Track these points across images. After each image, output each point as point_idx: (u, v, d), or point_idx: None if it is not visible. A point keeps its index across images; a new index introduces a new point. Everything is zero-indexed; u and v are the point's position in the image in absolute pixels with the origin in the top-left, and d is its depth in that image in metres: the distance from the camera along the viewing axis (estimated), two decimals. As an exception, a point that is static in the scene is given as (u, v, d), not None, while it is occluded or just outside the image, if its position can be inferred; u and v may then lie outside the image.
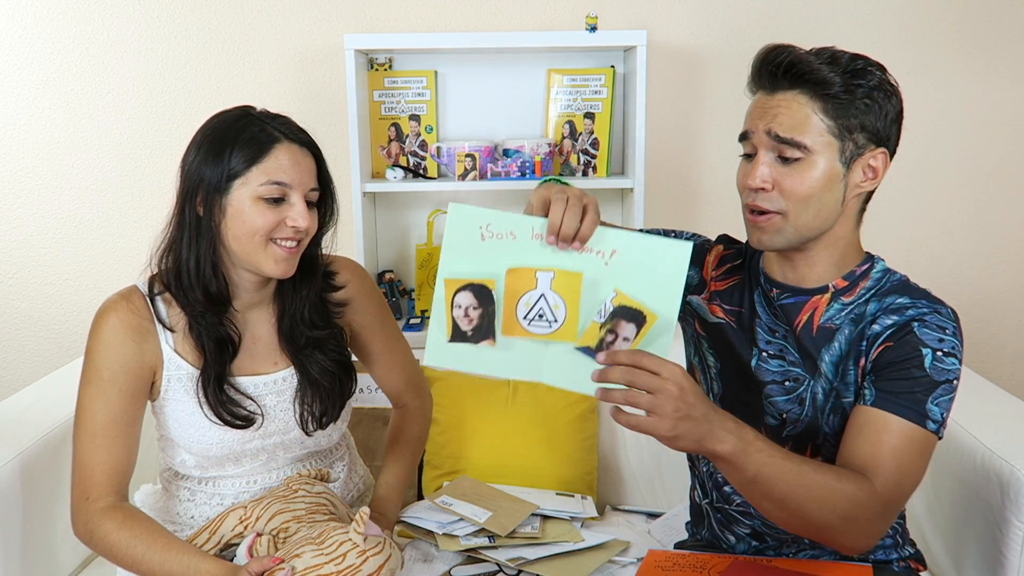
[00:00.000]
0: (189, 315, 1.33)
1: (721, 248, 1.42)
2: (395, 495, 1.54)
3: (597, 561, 1.54)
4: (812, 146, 1.17)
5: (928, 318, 1.20)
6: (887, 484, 1.15)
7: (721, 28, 2.32)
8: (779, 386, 1.30)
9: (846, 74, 1.16)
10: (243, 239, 1.28)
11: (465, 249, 1.14)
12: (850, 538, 1.16)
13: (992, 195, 2.41)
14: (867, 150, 1.20)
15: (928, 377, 1.17)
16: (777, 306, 1.30)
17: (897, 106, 1.20)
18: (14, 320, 2.44)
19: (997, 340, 2.49)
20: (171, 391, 1.35)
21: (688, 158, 2.39)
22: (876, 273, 1.28)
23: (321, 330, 1.41)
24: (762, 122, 1.20)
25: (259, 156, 1.26)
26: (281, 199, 1.28)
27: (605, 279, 1.12)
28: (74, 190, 2.37)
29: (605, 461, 2.05)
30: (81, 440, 1.30)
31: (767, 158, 1.20)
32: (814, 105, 1.17)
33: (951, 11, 2.32)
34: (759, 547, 1.39)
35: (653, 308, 1.10)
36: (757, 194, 1.21)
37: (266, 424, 1.38)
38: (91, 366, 1.31)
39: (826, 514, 1.12)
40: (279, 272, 1.30)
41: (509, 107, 2.33)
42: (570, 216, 1.09)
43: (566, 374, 1.13)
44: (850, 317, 1.25)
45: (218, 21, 2.30)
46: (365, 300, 1.51)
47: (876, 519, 1.15)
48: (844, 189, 1.20)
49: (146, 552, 1.25)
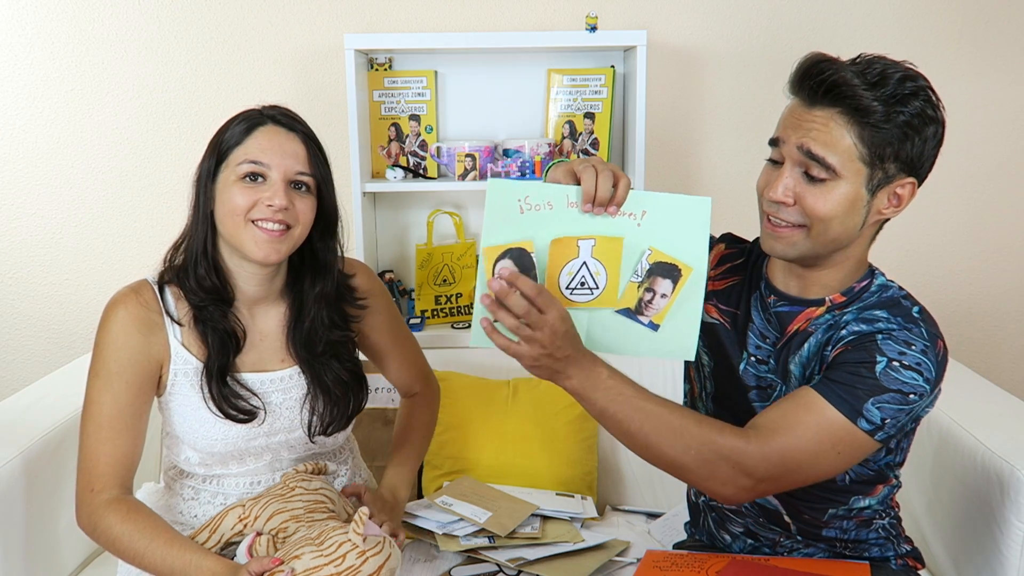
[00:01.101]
0: (194, 307, 1.34)
1: (723, 247, 1.41)
2: (407, 477, 1.55)
3: (597, 561, 1.54)
4: (840, 170, 1.15)
5: (896, 333, 1.18)
6: (771, 449, 1.13)
7: (721, 28, 2.32)
8: (759, 391, 1.31)
9: (891, 100, 1.12)
10: (226, 220, 1.30)
11: (505, 223, 1.16)
12: (711, 482, 1.15)
13: (991, 195, 2.41)
14: (896, 179, 1.17)
15: (876, 380, 1.14)
16: (772, 312, 1.29)
17: (938, 133, 1.17)
18: (14, 320, 2.44)
19: (996, 340, 2.49)
20: (177, 385, 1.35)
21: (688, 158, 2.39)
22: (873, 288, 1.26)
23: (341, 330, 1.42)
24: (796, 134, 1.17)
25: (243, 138, 1.31)
26: (259, 178, 1.30)
27: (640, 240, 1.16)
28: (74, 190, 2.37)
29: (605, 461, 2.05)
30: (88, 432, 1.31)
31: (793, 172, 1.18)
32: (851, 129, 1.14)
33: (951, 11, 2.32)
34: (755, 545, 1.39)
35: (687, 261, 1.17)
36: (778, 206, 1.20)
37: (271, 421, 1.39)
38: (99, 359, 1.32)
39: (679, 451, 1.14)
40: (261, 255, 1.30)
41: (509, 107, 2.33)
42: (603, 181, 1.13)
43: (607, 338, 1.19)
44: (828, 324, 1.24)
45: (218, 21, 2.30)
46: (377, 300, 1.52)
47: (739, 471, 1.13)
48: (866, 214, 1.19)
49: (148, 546, 1.26)
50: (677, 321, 1.18)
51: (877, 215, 1.20)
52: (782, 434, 1.14)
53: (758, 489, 1.16)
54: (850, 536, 1.34)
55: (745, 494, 1.16)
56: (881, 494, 1.32)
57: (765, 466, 1.14)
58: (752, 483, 1.15)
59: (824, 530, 1.33)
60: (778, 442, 1.14)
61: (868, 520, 1.33)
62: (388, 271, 2.37)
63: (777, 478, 1.16)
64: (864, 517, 1.33)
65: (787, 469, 1.15)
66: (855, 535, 1.34)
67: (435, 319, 2.33)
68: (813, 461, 1.15)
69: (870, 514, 1.33)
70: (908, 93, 1.13)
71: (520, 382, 2.04)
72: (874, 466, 1.28)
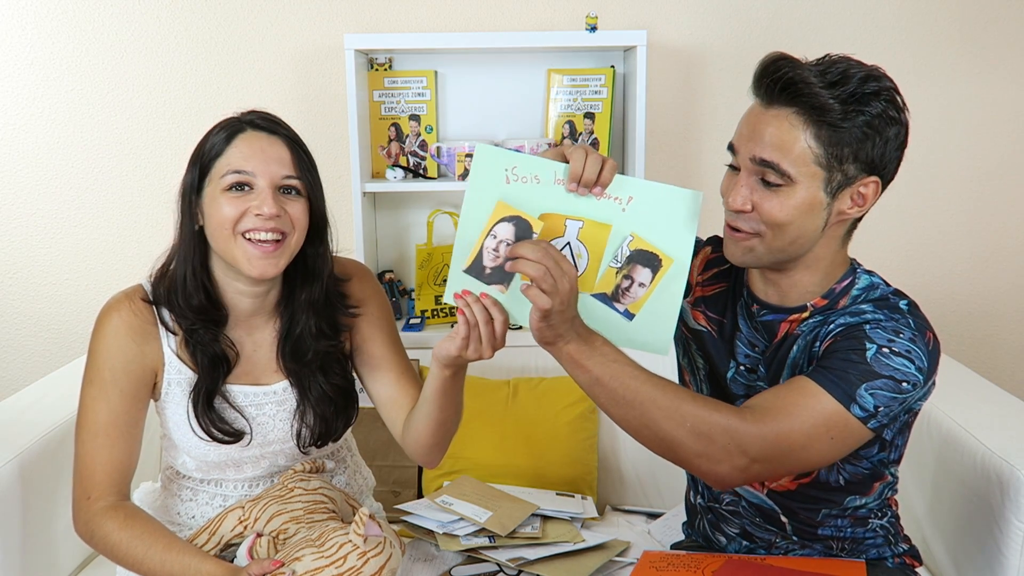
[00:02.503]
0: (184, 330, 1.31)
1: (709, 251, 1.39)
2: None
3: (597, 561, 1.54)
4: (795, 175, 1.13)
5: (884, 323, 1.17)
6: (769, 429, 1.12)
7: (721, 28, 2.32)
8: (746, 400, 1.30)
9: (850, 99, 1.11)
10: (216, 235, 1.26)
11: (489, 190, 1.15)
12: (704, 460, 1.13)
13: (992, 195, 2.41)
14: (858, 179, 1.16)
15: (867, 365, 1.13)
16: (759, 322, 1.29)
17: (900, 135, 1.15)
18: (14, 320, 2.44)
19: (996, 340, 2.49)
20: (171, 394, 1.34)
21: (688, 158, 2.39)
22: (856, 290, 1.24)
23: (329, 339, 1.37)
24: (748, 144, 1.17)
25: (224, 148, 1.26)
26: (245, 188, 1.25)
27: (622, 225, 1.16)
28: (74, 190, 2.37)
29: (605, 461, 2.05)
30: (83, 439, 1.30)
31: (748, 180, 1.18)
32: (807, 129, 1.12)
33: (951, 11, 2.32)
34: (750, 547, 1.39)
35: (668, 252, 1.15)
36: (736, 215, 1.19)
37: (265, 434, 1.37)
38: (93, 366, 1.30)
39: (674, 424, 1.12)
40: (256, 271, 1.25)
41: (509, 107, 2.33)
42: (592, 163, 1.14)
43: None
44: (814, 324, 1.24)
45: (218, 21, 2.30)
46: (372, 308, 1.44)
47: (733, 450, 1.12)
48: (827, 216, 1.17)
49: (147, 552, 1.25)
50: (653, 313, 1.17)
51: (840, 216, 1.19)
52: (778, 415, 1.13)
53: (752, 470, 1.14)
54: (846, 534, 1.34)
55: (739, 474, 1.14)
56: (877, 493, 1.32)
57: (761, 445, 1.12)
58: (747, 462, 1.13)
59: (820, 529, 1.33)
60: (774, 422, 1.13)
61: (864, 519, 1.33)
62: (388, 271, 2.37)
63: (771, 459, 1.14)
64: (859, 516, 1.33)
65: (781, 451, 1.14)
66: (851, 533, 1.34)
67: (435, 319, 2.33)
68: (806, 444, 1.14)
69: (865, 513, 1.33)
70: (869, 92, 1.12)
71: (520, 382, 2.04)
72: (867, 464, 1.28)
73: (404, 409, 1.40)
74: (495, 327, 1.15)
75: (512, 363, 2.10)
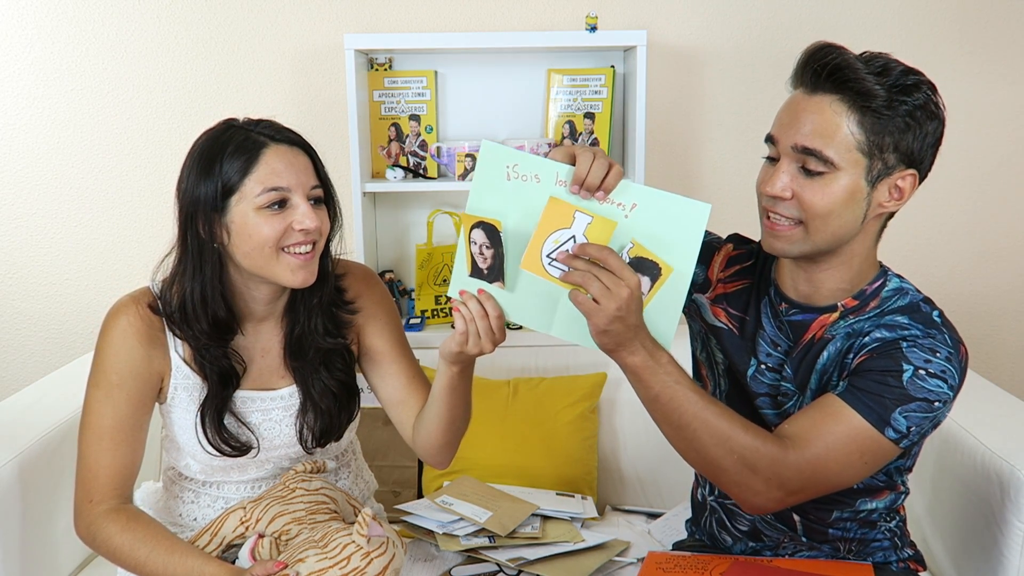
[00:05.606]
0: (193, 348, 1.31)
1: (731, 248, 1.39)
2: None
3: (597, 561, 1.54)
4: (838, 161, 1.13)
5: (921, 340, 1.17)
6: (805, 460, 1.13)
7: (721, 28, 2.32)
8: (770, 399, 1.29)
9: (893, 88, 1.12)
10: (253, 254, 1.24)
11: (490, 188, 1.16)
12: (744, 490, 1.15)
13: (992, 195, 2.41)
14: (896, 170, 1.16)
15: (903, 389, 1.14)
16: (784, 320, 1.28)
17: (938, 131, 1.16)
18: (14, 320, 2.44)
19: (996, 340, 2.49)
20: (178, 398, 1.34)
21: (688, 158, 2.39)
22: (887, 292, 1.24)
23: (334, 337, 1.37)
24: (789, 132, 1.16)
25: (250, 166, 1.22)
26: (283, 204, 1.24)
27: (624, 230, 1.14)
28: (74, 190, 2.37)
29: (605, 461, 2.05)
30: (87, 442, 1.29)
31: (789, 167, 1.17)
32: (851, 115, 1.12)
33: (951, 11, 2.32)
34: (756, 547, 1.39)
35: (669, 261, 1.13)
36: (775, 202, 1.18)
37: (271, 439, 1.37)
38: (99, 369, 1.30)
39: (722, 452, 1.13)
40: (298, 281, 1.25)
41: (509, 107, 2.32)
42: (598, 166, 1.11)
43: (576, 328, 1.15)
44: (847, 331, 1.23)
45: (218, 21, 2.30)
46: (373, 304, 1.44)
47: (773, 483, 1.13)
48: (866, 207, 1.17)
49: (149, 555, 1.25)
50: (650, 322, 1.15)
51: (879, 208, 1.18)
52: (814, 445, 1.14)
53: (786, 501, 1.16)
54: (853, 535, 1.33)
55: (772, 504, 1.16)
56: (888, 498, 1.31)
57: (799, 478, 1.14)
58: (783, 495, 1.15)
59: (830, 530, 1.33)
60: (811, 453, 1.13)
61: (873, 522, 1.33)
62: (388, 271, 2.37)
63: (806, 490, 1.16)
64: (870, 519, 1.33)
65: (816, 481, 1.15)
66: (859, 535, 1.33)
67: (435, 319, 2.33)
68: (840, 471, 1.15)
69: (875, 517, 1.33)
70: (911, 84, 1.13)
71: (520, 382, 2.04)
72: (883, 475, 1.28)
73: (414, 410, 1.41)
74: (491, 321, 1.16)
75: (512, 363, 2.10)
